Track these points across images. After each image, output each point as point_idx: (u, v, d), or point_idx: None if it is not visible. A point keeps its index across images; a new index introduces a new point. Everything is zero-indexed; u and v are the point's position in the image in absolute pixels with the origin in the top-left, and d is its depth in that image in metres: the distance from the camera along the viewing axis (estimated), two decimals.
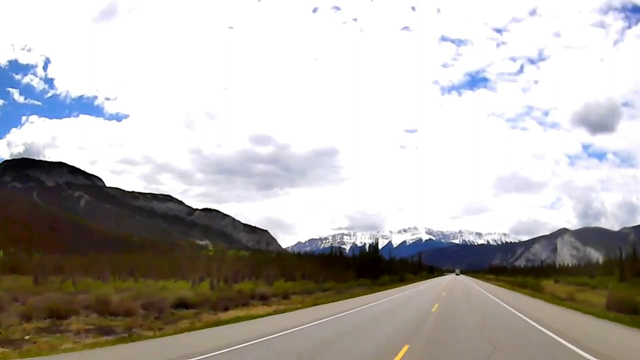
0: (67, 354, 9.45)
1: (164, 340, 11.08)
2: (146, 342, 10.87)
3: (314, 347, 9.93)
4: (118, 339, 11.38)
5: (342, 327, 13.80)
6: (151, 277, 40.07)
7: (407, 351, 9.32)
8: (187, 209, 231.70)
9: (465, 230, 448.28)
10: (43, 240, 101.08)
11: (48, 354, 9.25)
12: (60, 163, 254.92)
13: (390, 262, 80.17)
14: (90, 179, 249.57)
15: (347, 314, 17.93)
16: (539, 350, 9.77)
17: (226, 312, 17.88)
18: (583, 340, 11.11)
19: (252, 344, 10.26)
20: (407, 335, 11.88)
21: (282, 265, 51.98)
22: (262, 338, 11.07)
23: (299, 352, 9.35)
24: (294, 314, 17.95)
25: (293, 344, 10.37)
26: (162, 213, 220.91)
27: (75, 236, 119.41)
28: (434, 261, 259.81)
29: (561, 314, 19.12)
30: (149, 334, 12.28)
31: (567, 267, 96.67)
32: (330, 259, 65.52)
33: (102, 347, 10.17)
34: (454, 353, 9.49)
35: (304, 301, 24.37)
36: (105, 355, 9.27)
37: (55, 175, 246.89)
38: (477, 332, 12.47)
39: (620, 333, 13.19)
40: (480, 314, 18.24)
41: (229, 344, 10.03)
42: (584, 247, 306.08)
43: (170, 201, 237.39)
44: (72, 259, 50.85)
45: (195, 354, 8.91)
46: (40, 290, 22.59)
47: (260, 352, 9.34)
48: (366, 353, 9.36)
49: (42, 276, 31.33)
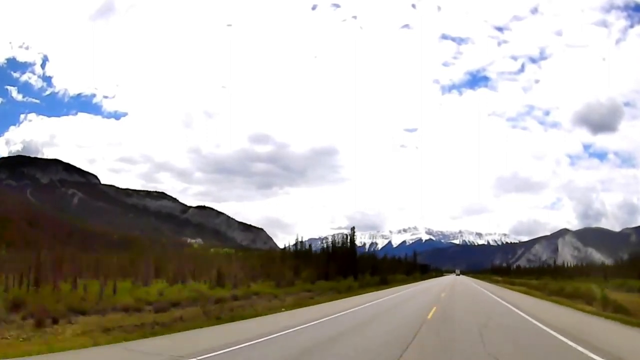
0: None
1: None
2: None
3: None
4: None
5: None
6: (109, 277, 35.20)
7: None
8: (181, 206, 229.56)
9: (466, 230, 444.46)
10: (21, 236, 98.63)
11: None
12: (56, 160, 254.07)
13: (373, 260, 74.67)
14: (85, 176, 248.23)
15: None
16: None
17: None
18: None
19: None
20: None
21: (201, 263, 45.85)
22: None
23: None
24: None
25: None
26: (156, 211, 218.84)
27: (59, 233, 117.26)
28: (434, 261, 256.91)
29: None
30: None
31: (581, 267, 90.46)
32: (278, 255, 56.85)
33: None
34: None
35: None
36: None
37: (51, 172, 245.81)
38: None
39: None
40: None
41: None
42: (585, 247, 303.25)
43: (164, 199, 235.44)
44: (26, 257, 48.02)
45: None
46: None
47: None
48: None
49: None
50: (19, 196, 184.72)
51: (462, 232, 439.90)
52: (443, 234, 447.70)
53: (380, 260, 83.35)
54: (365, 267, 60.71)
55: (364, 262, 66.10)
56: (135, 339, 10.86)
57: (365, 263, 64.99)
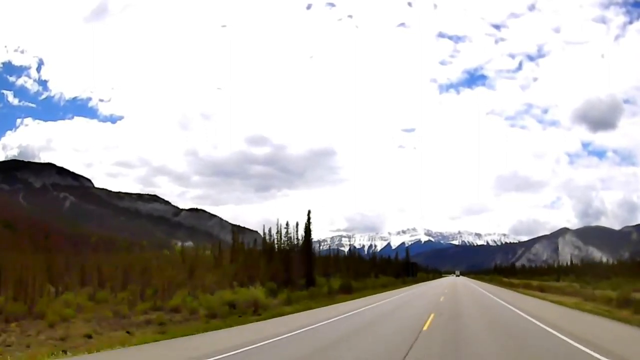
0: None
1: None
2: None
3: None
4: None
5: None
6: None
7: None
8: (174, 209, 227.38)
9: (465, 231, 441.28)
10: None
11: None
12: (50, 164, 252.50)
13: (349, 260, 64.55)
14: (79, 180, 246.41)
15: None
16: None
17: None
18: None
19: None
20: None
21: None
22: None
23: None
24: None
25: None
26: (147, 214, 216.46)
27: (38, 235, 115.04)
28: (433, 263, 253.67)
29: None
30: None
31: (599, 264, 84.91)
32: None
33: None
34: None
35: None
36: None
37: (44, 176, 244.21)
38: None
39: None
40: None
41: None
42: (585, 246, 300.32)
43: (156, 201, 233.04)
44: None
45: None
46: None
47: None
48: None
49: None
50: (9, 200, 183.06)
51: (461, 233, 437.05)
52: (442, 234, 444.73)
53: (354, 259, 70.55)
54: (330, 269, 47.95)
55: (325, 262, 51.46)
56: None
57: (323, 263, 50.02)
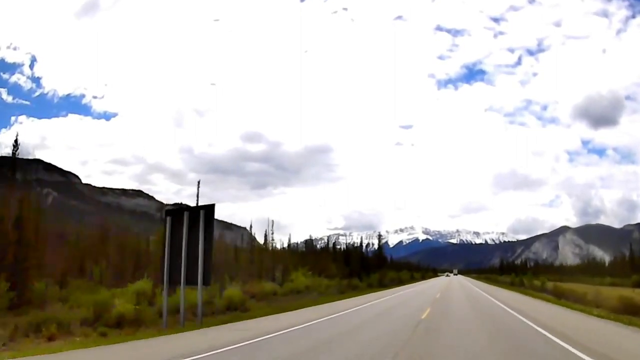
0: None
1: None
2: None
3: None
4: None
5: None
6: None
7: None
8: (157, 204, 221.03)
9: (463, 229, 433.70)
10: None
11: None
12: (37, 160, 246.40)
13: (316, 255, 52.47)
14: (66, 176, 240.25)
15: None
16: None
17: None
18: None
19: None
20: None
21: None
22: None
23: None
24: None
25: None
26: (130, 209, 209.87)
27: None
28: (431, 262, 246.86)
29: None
30: None
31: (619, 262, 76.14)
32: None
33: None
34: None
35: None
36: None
37: (30, 172, 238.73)
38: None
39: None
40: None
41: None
42: (586, 245, 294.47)
43: (139, 197, 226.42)
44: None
45: None
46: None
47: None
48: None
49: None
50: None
51: (459, 232, 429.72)
52: (440, 233, 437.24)
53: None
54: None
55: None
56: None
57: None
